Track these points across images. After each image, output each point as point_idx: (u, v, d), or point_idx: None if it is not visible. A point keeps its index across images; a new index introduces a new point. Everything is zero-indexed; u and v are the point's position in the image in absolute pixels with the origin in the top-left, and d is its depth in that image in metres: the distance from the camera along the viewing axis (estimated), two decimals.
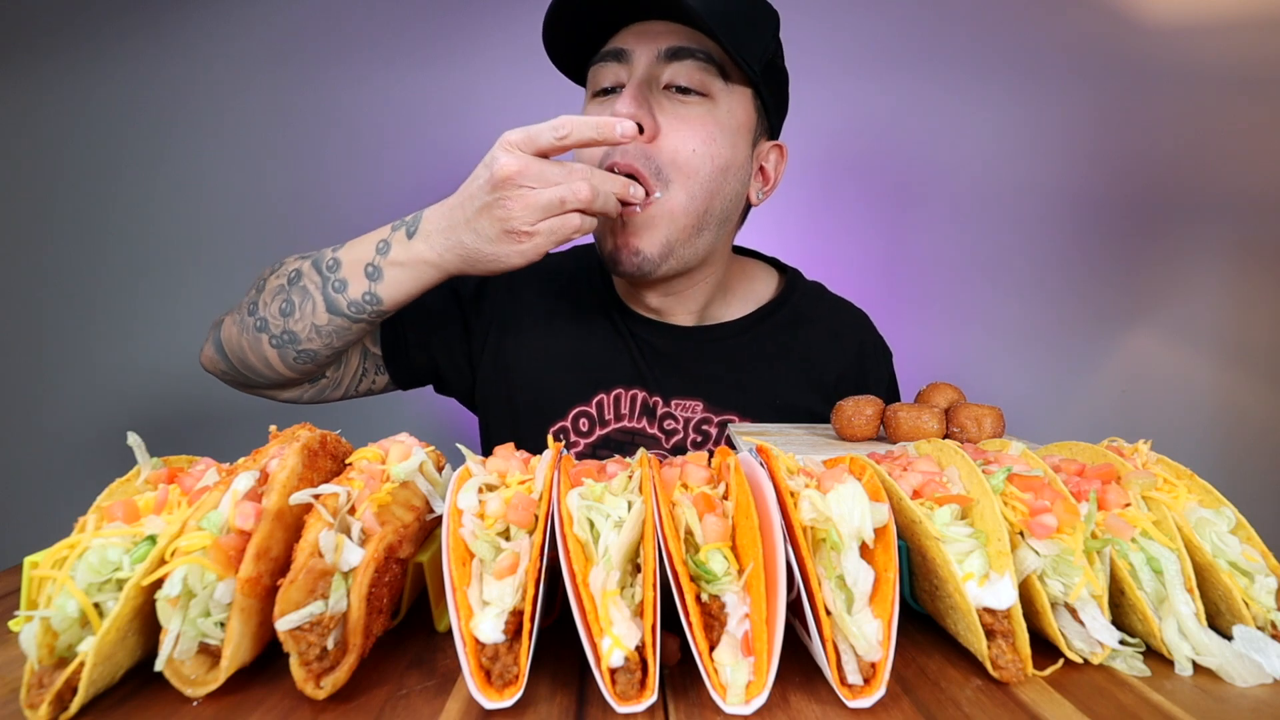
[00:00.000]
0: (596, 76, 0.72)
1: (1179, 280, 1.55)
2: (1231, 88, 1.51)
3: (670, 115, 0.69)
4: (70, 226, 1.58)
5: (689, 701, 0.35)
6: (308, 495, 0.37)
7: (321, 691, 0.34)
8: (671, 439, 0.82)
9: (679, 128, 0.69)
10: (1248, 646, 0.37)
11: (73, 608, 0.33)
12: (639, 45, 0.69)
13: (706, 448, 0.81)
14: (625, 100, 0.66)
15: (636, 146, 0.68)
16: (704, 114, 0.70)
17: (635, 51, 0.69)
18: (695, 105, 0.70)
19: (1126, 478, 0.43)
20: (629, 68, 0.69)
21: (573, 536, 0.36)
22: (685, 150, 0.69)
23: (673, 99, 0.70)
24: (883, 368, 0.92)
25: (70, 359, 1.60)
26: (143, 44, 1.55)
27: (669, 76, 0.69)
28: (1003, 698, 0.35)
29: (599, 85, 0.72)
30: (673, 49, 0.68)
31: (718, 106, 0.71)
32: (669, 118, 0.69)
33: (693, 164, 0.69)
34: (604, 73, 0.71)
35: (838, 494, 0.37)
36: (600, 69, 0.71)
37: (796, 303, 0.89)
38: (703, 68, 0.69)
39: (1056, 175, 1.55)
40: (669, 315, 0.84)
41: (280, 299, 0.70)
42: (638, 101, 0.66)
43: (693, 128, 0.69)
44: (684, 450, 0.82)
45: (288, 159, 1.57)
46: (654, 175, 0.68)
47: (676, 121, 0.69)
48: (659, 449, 0.82)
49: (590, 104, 0.74)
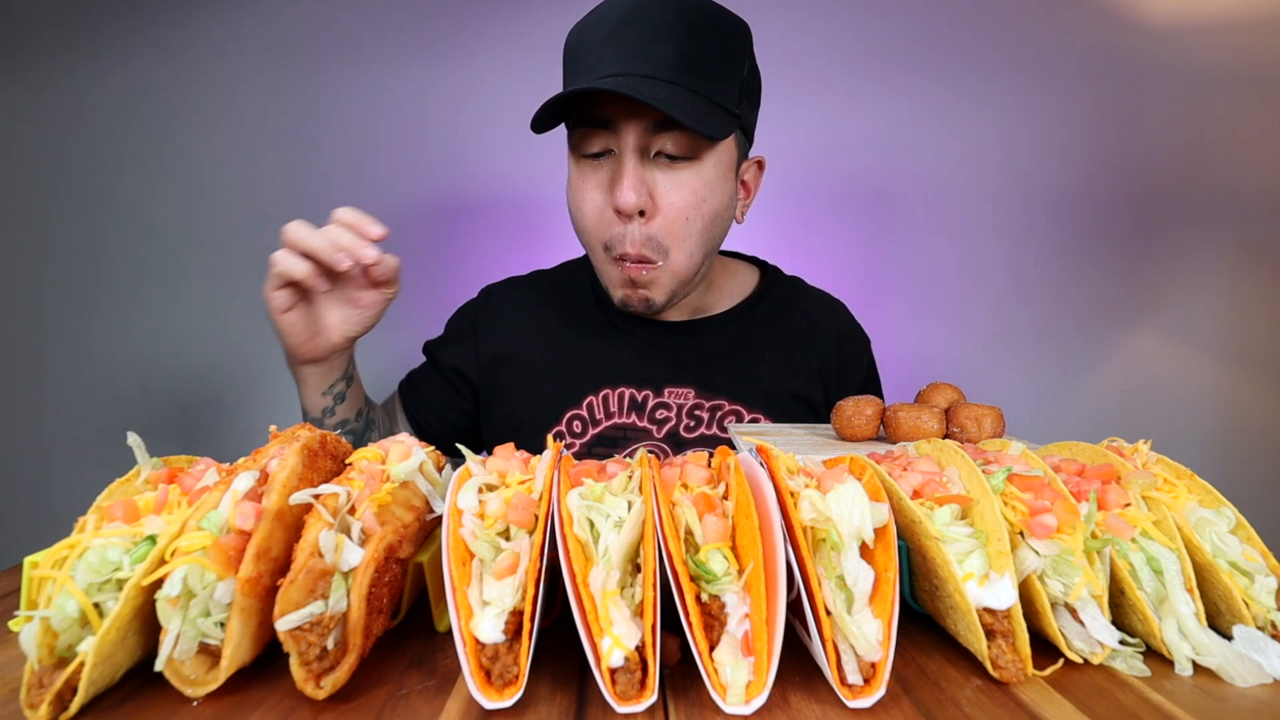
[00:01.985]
0: (583, 141, 0.74)
1: (1179, 280, 1.55)
2: (1231, 88, 1.51)
3: (662, 188, 0.73)
4: (70, 225, 1.58)
5: (689, 701, 0.35)
6: (308, 495, 0.37)
7: (321, 691, 0.34)
8: (664, 428, 0.86)
9: (672, 200, 0.73)
10: (1248, 646, 0.37)
11: (73, 608, 0.33)
12: (623, 118, 0.71)
13: (699, 432, 0.86)
14: (628, 190, 0.71)
15: (639, 230, 0.73)
16: (692, 177, 0.74)
17: (623, 124, 0.71)
18: (684, 170, 0.73)
19: (1126, 478, 0.43)
20: (616, 138, 0.72)
21: (573, 536, 0.36)
22: (679, 221, 0.74)
23: (663, 168, 0.73)
24: (862, 352, 0.97)
25: (70, 357, 1.60)
26: (142, 43, 1.55)
27: (657, 146, 0.72)
28: (1003, 698, 0.35)
29: (587, 150, 0.75)
30: (660, 122, 0.70)
31: (704, 165, 0.74)
32: (662, 190, 0.73)
33: (687, 230, 0.75)
34: (591, 139, 0.74)
35: (838, 494, 0.37)
36: (588, 134, 0.74)
37: (777, 295, 0.95)
38: (688, 135, 0.71)
39: (1056, 175, 1.55)
40: (664, 315, 0.90)
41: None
42: (638, 190, 0.71)
43: (684, 196, 0.73)
44: (677, 437, 0.86)
45: (287, 157, 1.57)
46: (655, 251, 0.75)
47: (671, 191, 0.73)
48: (652, 440, 0.86)
49: (581, 164, 0.76)
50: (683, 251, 0.76)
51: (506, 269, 1.16)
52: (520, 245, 1.55)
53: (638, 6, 0.70)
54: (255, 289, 1.63)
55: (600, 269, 0.81)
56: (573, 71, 0.74)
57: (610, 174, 0.74)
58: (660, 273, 0.77)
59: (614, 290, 0.81)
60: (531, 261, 1.50)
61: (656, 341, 0.89)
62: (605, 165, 0.75)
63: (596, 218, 0.76)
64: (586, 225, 0.77)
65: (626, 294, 0.79)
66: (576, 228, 0.80)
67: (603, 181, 0.75)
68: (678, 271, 0.78)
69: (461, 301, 1.00)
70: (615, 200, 0.72)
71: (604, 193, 0.75)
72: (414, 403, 0.93)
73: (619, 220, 0.74)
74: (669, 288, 0.79)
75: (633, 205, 0.71)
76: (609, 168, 0.74)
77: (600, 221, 0.76)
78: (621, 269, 0.77)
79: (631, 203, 0.71)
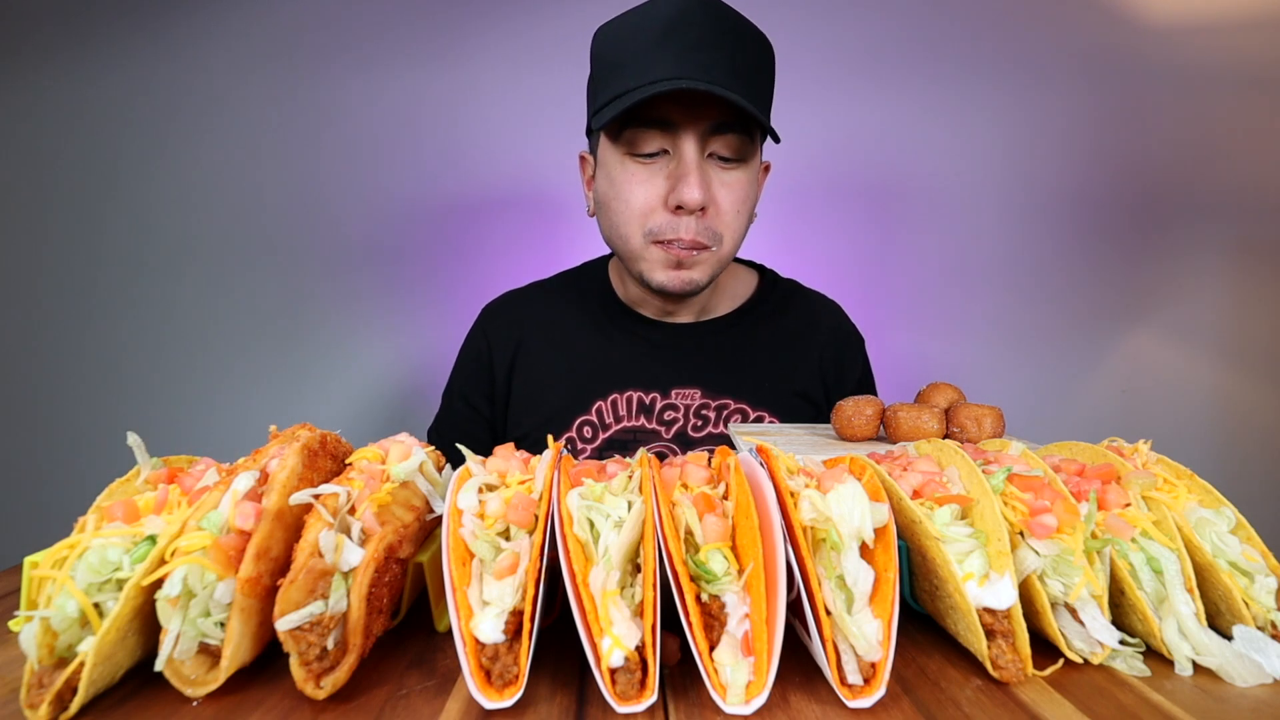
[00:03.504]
0: (637, 139, 0.77)
1: (1179, 280, 1.55)
2: (1231, 88, 1.51)
3: (718, 185, 0.79)
4: (69, 225, 1.58)
5: (689, 701, 0.35)
6: (308, 495, 0.37)
7: (321, 691, 0.34)
8: (672, 429, 0.88)
9: (727, 196, 0.79)
10: (1248, 646, 0.37)
11: (73, 608, 0.33)
12: (686, 120, 0.75)
13: (706, 431, 0.88)
14: (695, 186, 0.75)
15: (698, 221, 0.78)
16: (741, 178, 0.80)
17: (682, 126, 0.75)
18: (735, 171, 0.79)
19: (1126, 478, 0.43)
20: (673, 139, 0.76)
21: (573, 536, 0.36)
22: (731, 214, 0.80)
23: (718, 168, 0.79)
24: (858, 353, 0.99)
25: (70, 357, 1.60)
26: (141, 43, 1.55)
27: (712, 148, 0.77)
28: (1003, 698, 0.35)
29: (642, 149, 0.78)
30: (717, 125, 0.76)
31: (749, 167, 0.80)
32: (717, 187, 0.79)
33: (736, 222, 0.81)
34: (647, 138, 0.77)
35: (838, 494, 0.37)
36: (644, 134, 0.77)
37: (776, 296, 0.98)
38: (740, 139, 0.77)
39: (1056, 175, 1.55)
40: (675, 316, 0.93)
41: None
42: (703, 186, 0.76)
43: (735, 193, 0.80)
44: (685, 437, 0.88)
45: (285, 158, 1.57)
46: (711, 239, 0.79)
47: (725, 190, 0.79)
48: (661, 441, 0.87)
49: (628, 162, 0.79)
50: (731, 240, 0.82)
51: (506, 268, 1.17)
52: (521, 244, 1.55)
53: (680, 14, 0.73)
54: (253, 288, 1.64)
55: (637, 254, 0.81)
56: (617, 75, 0.75)
57: (667, 172, 0.78)
58: (710, 256, 0.81)
59: (654, 273, 0.82)
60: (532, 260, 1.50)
61: (662, 344, 0.91)
62: (658, 164, 0.78)
63: (646, 209, 0.79)
64: (630, 216, 0.79)
65: (670, 275, 0.81)
66: (614, 220, 0.81)
67: (653, 179, 0.78)
68: (724, 257, 0.82)
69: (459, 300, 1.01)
70: (681, 197, 0.75)
71: (655, 190, 0.78)
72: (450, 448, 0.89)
73: (673, 214, 0.78)
74: (713, 270, 0.83)
75: (699, 202, 0.75)
76: (663, 166, 0.78)
77: (650, 212, 0.79)
78: (666, 251, 0.79)
79: (698, 200, 0.75)
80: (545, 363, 0.92)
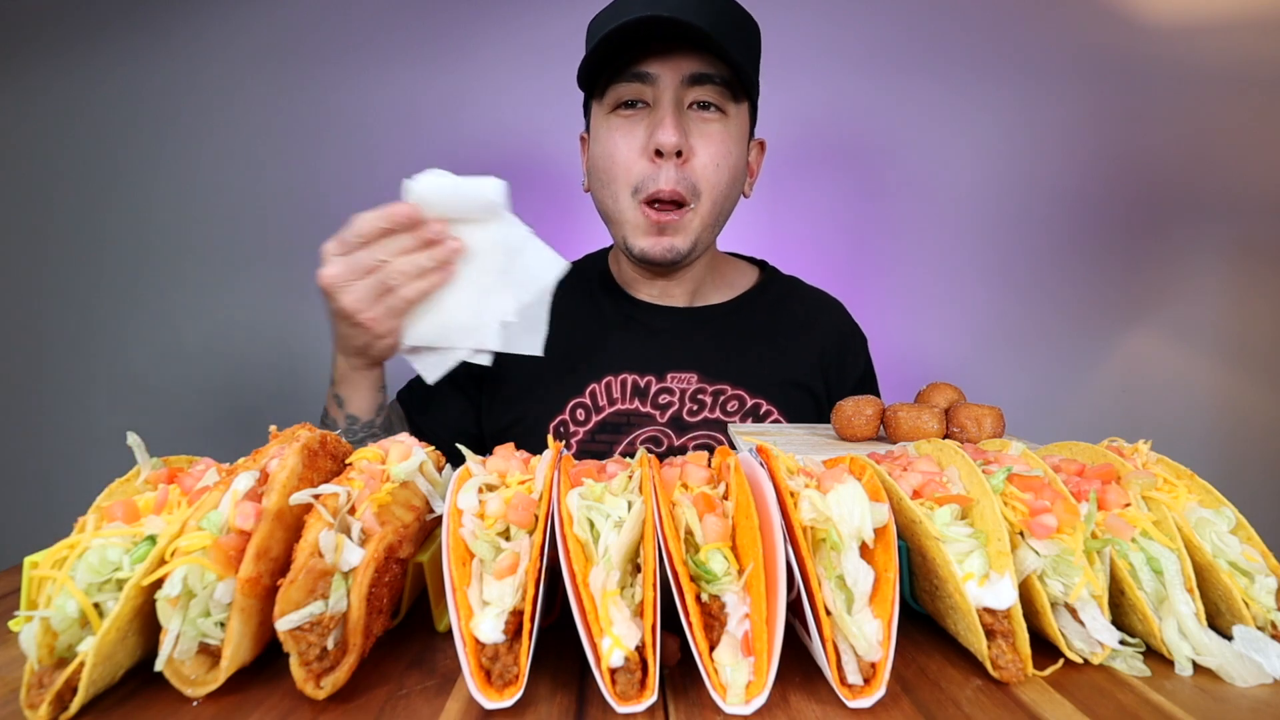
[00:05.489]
0: (618, 92, 0.79)
1: (1179, 280, 1.55)
2: (1231, 88, 1.51)
3: (696, 135, 0.79)
4: (69, 225, 1.58)
5: (689, 701, 0.35)
6: (308, 495, 0.37)
7: (321, 691, 0.34)
8: (667, 412, 0.87)
9: (705, 146, 0.79)
10: (1248, 646, 0.37)
11: (73, 608, 0.33)
12: (664, 70, 0.77)
13: (701, 415, 0.87)
14: (670, 129, 0.75)
15: (675, 170, 0.77)
16: (722, 130, 0.80)
17: (661, 76, 0.77)
18: (715, 122, 0.79)
19: (1126, 478, 0.43)
20: (653, 89, 0.78)
21: (573, 536, 0.36)
22: (711, 166, 0.79)
23: (697, 117, 0.79)
24: (861, 350, 0.99)
25: (70, 357, 1.60)
26: (140, 44, 1.55)
27: (691, 97, 0.78)
28: (1003, 698, 0.35)
29: (621, 99, 0.79)
30: (695, 74, 0.77)
31: (731, 122, 0.80)
32: (696, 137, 0.79)
33: (716, 177, 0.80)
34: (626, 89, 0.79)
35: (838, 494, 0.37)
36: (623, 87, 0.79)
37: (777, 289, 0.98)
38: (719, 90, 0.78)
39: (1056, 175, 1.55)
40: (667, 298, 0.93)
41: None
42: (678, 130, 0.76)
43: (715, 145, 0.79)
44: (680, 421, 0.87)
45: (284, 158, 1.57)
46: (689, 192, 0.79)
47: (703, 140, 0.79)
48: (655, 424, 0.87)
49: (612, 117, 0.81)
50: (710, 198, 0.81)
51: None
52: None
53: None
54: (254, 286, 1.64)
55: (623, 218, 0.82)
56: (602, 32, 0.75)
57: (645, 122, 0.78)
58: (691, 217, 0.80)
59: (637, 240, 0.82)
60: None
61: (658, 328, 0.91)
62: (638, 115, 0.79)
63: (628, 161, 0.79)
64: (615, 171, 0.80)
65: (652, 241, 0.81)
66: (603, 179, 0.82)
67: (634, 129, 0.79)
68: (705, 218, 0.82)
69: None
70: (656, 139, 0.76)
71: (636, 139, 0.78)
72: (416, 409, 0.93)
73: (653, 163, 0.77)
74: (694, 234, 0.82)
75: (673, 144, 0.75)
76: (642, 117, 0.79)
77: (632, 164, 0.79)
78: (647, 216, 0.79)
79: (673, 141, 0.75)
80: None
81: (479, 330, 0.69)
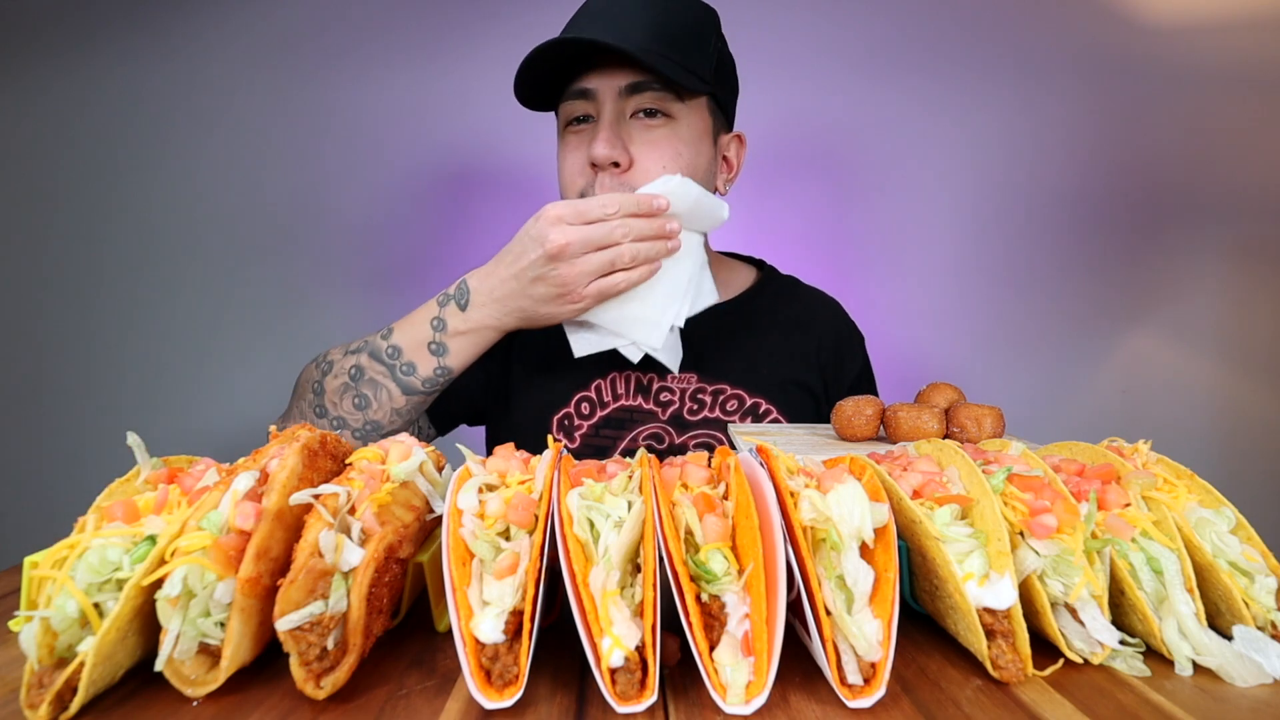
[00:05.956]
0: (567, 110, 0.83)
1: (1179, 280, 1.55)
2: (1231, 88, 1.51)
3: (639, 143, 0.80)
4: (70, 225, 1.58)
5: (689, 701, 0.35)
6: (308, 495, 0.37)
7: (321, 691, 0.34)
8: (668, 410, 0.88)
9: (649, 153, 0.79)
10: (1248, 646, 0.37)
11: (73, 608, 0.33)
12: (602, 84, 0.79)
13: (701, 414, 0.88)
14: (601, 142, 0.77)
15: (612, 179, 0.78)
16: (668, 134, 0.80)
17: (599, 90, 0.79)
18: (659, 128, 0.80)
19: (1126, 478, 0.43)
20: (595, 104, 0.80)
21: (573, 536, 0.36)
22: (656, 170, 0.79)
23: (640, 125, 0.80)
24: (859, 349, 0.99)
25: (70, 357, 1.60)
26: (140, 44, 1.55)
27: (633, 106, 0.80)
28: (1003, 698, 0.35)
29: (570, 116, 0.83)
30: (632, 84, 0.78)
31: (679, 124, 0.81)
32: (638, 145, 0.79)
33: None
34: (573, 108, 0.82)
35: (838, 494, 0.37)
36: (570, 105, 0.82)
37: (775, 289, 0.99)
38: (660, 95, 0.79)
39: (1056, 175, 1.55)
40: None
41: (350, 396, 0.78)
42: (611, 142, 0.77)
43: (660, 150, 0.80)
44: (680, 419, 0.88)
45: (286, 157, 1.57)
46: None
47: (646, 148, 0.79)
48: (656, 421, 0.88)
49: (566, 134, 0.84)
50: None
51: None
52: None
53: None
54: (255, 286, 1.64)
55: None
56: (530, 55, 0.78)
57: (589, 136, 0.80)
58: None
59: None
60: None
61: None
62: (585, 130, 0.82)
63: (572, 176, 0.82)
64: (564, 184, 0.83)
65: None
66: (560, 192, 0.85)
67: (580, 144, 0.82)
68: None
69: None
70: (591, 152, 0.77)
71: (580, 154, 0.81)
72: None
73: (595, 175, 0.79)
74: None
75: (605, 156, 0.77)
76: (589, 131, 0.81)
77: (575, 178, 0.81)
78: None
79: (603, 154, 0.77)
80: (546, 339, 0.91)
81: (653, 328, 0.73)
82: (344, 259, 1.57)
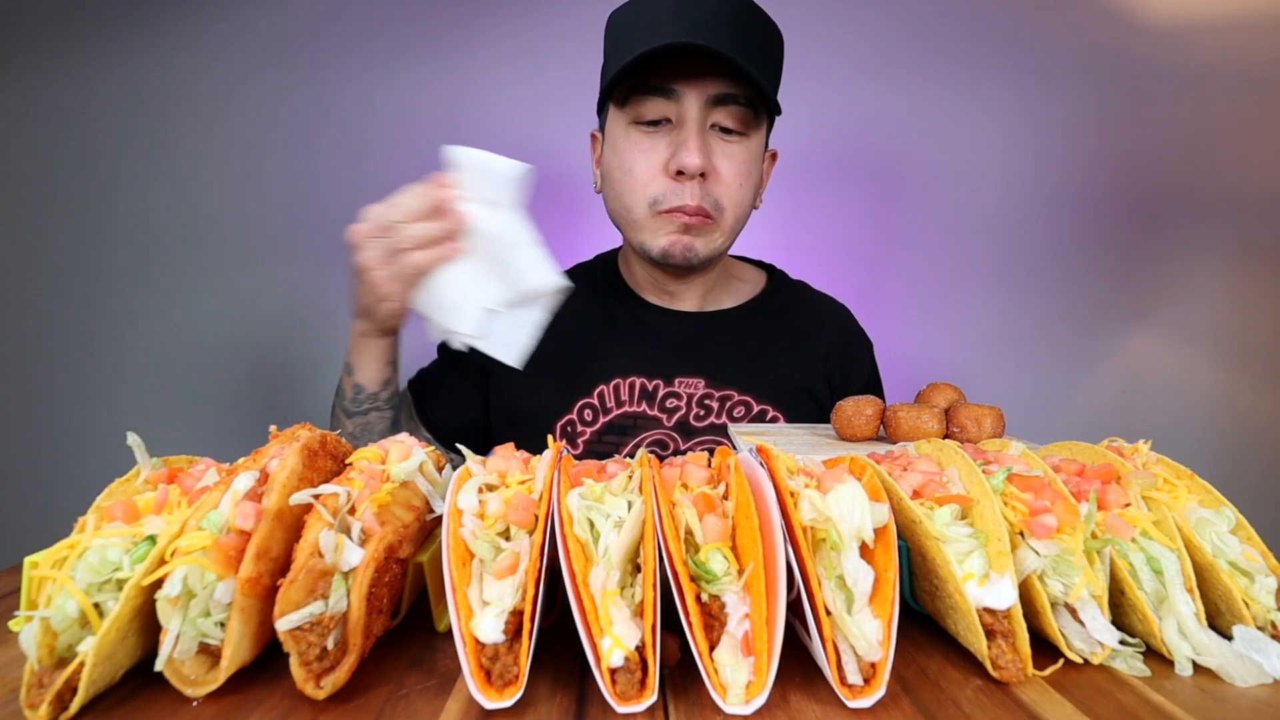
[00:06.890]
0: (642, 107, 0.79)
1: (1179, 280, 1.55)
2: (1231, 88, 1.51)
3: (720, 155, 0.80)
4: (70, 224, 1.58)
5: (689, 701, 0.35)
6: (308, 495, 0.37)
7: (321, 691, 0.34)
8: (674, 416, 0.88)
9: (728, 167, 0.80)
10: (1248, 646, 0.37)
11: (73, 608, 0.33)
12: (689, 89, 0.77)
13: (708, 421, 0.88)
14: (695, 151, 0.76)
15: (700, 187, 0.79)
16: (743, 151, 0.81)
17: (685, 94, 0.77)
18: (737, 144, 0.81)
19: (1126, 478, 0.43)
20: (676, 106, 0.78)
21: (573, 536, 0.36)
22: (734, 186, 0.81)
23: (720, 139, 0.80)
24: (866, 355, 1.00)
25: (69, 357, 1.60)
26: (140, 44, 1.55)
27: (715, 119, 0.79)
28: (1003, 698, 0.35)
29: (645, 116, 0.80)
30: (719, 95, 0.77)
31: (751, 142, 0.82)
32: (719, 158, 0.80)
33: (738, 196, 0.82)
34: (650, 106, 0.79)
35: (838, 494, 0.37)
36: (648, 101, 0.79)
37: (785, 295, 0.99)
38: (742, 112, 0.79)
39: (1056, 175, 1.55)
40: (678, 301, 0.93)
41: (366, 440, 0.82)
42: (703, 152, 0.77)
43: (737, 166, 0.81)
44: (686, 426, 0.88)
45: (286, 157, 1.57)
46: (714, 207, 0.81)
47: (726, 161, 0.80)
48: (661, 428, 0.87)
49: (632, 131, 0.81)
50: (732, 213, 0.83)
51: None
52: None
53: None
54: (255, 286, 1.64)
55: (640, 224, 0.83)
56: (626, 47, 0.76)
57: (668, 140, 0.79)
58: (713, 227, 0.82)
59: (657, 239, 0.82)
60: None
61: (667, 331, 0.91)
62: (660, 133, 0.80)
63: (647, 177, 0.80)
64: (633, 185, 0.81)
65: (674, 240, 0.82)
66: (618, 189, 0.83)
67: (655, 147, 0.80)
68: (725, 230, 0.83)
69: None
70: (680, 161, 0.77)
71: (657, 156, 0.79)
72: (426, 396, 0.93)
73: (675, 181, 0.79)
74: (713, 243, 0.83)
75: (697, 167, 0.76)
76: (665, 135, 0.79)
77: (650, 180, 0.80)
78: (672, 218, 0.80)
79: (697, 164, 0.76)
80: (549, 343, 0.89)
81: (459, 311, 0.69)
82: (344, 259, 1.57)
